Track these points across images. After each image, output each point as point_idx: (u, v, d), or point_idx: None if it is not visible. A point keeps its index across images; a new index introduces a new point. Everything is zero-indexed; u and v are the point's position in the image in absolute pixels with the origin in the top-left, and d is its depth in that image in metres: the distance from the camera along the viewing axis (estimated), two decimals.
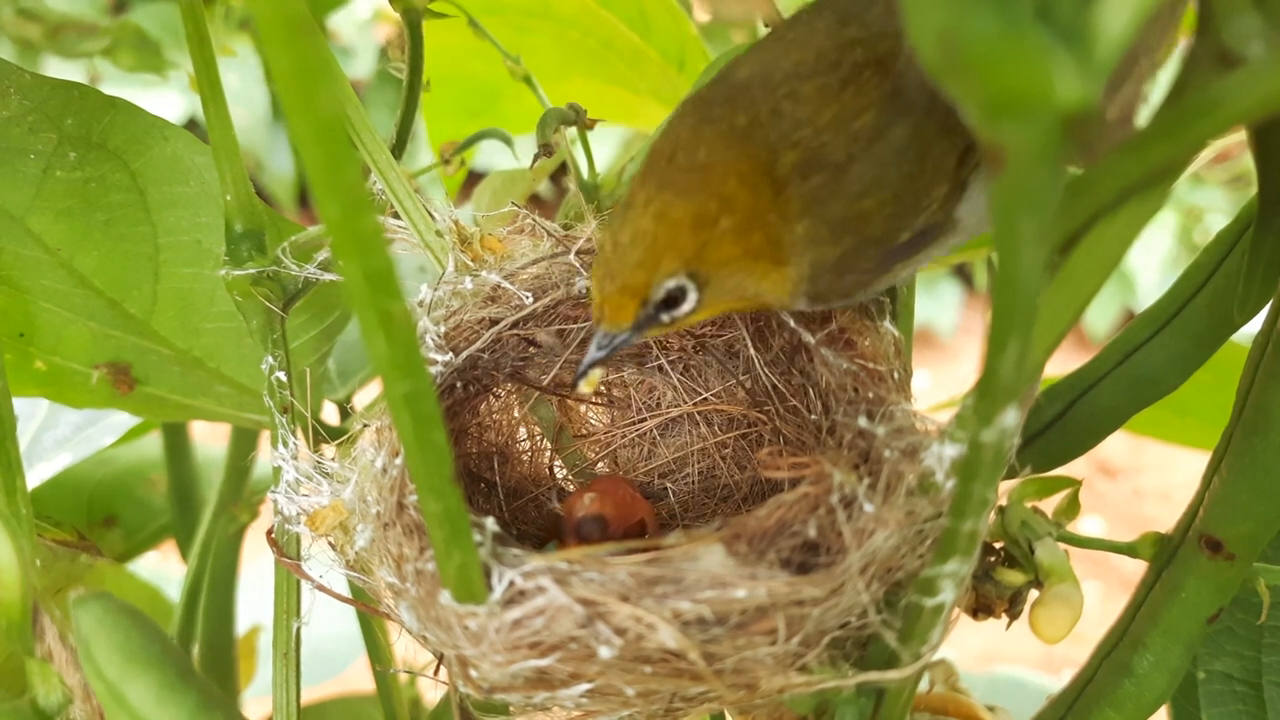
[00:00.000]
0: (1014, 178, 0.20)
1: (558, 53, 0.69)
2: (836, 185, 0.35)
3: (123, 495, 0.76)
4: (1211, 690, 0.47)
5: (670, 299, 0.35)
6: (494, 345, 0.44)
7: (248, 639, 0.83)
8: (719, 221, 0.34)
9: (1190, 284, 0.42)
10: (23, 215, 0.46)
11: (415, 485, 0.34)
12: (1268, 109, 0.21)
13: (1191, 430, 0.64)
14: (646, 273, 0.35)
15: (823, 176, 0.35)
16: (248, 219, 0.45)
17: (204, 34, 0.42)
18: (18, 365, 0.51)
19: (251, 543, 0.73)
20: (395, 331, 0.25)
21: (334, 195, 0.22)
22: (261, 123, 2.62)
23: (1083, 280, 0.27)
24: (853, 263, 0.36)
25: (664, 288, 0.35)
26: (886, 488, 0.33)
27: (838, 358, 0.40)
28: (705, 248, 0.35)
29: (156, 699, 0.33)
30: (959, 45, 0.18)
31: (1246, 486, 0.38)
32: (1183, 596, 0.39)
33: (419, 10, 0.51)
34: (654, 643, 0.30)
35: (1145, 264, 3.09)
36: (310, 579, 0.40)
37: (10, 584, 0.38)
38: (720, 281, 0.35)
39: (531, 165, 0.51)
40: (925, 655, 0.32)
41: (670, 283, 0.35)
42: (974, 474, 0.27)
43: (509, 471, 0.49)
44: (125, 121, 0.47)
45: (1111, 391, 0.43)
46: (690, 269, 0.35)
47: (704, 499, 0.49)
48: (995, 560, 0.40)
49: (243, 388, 0.55)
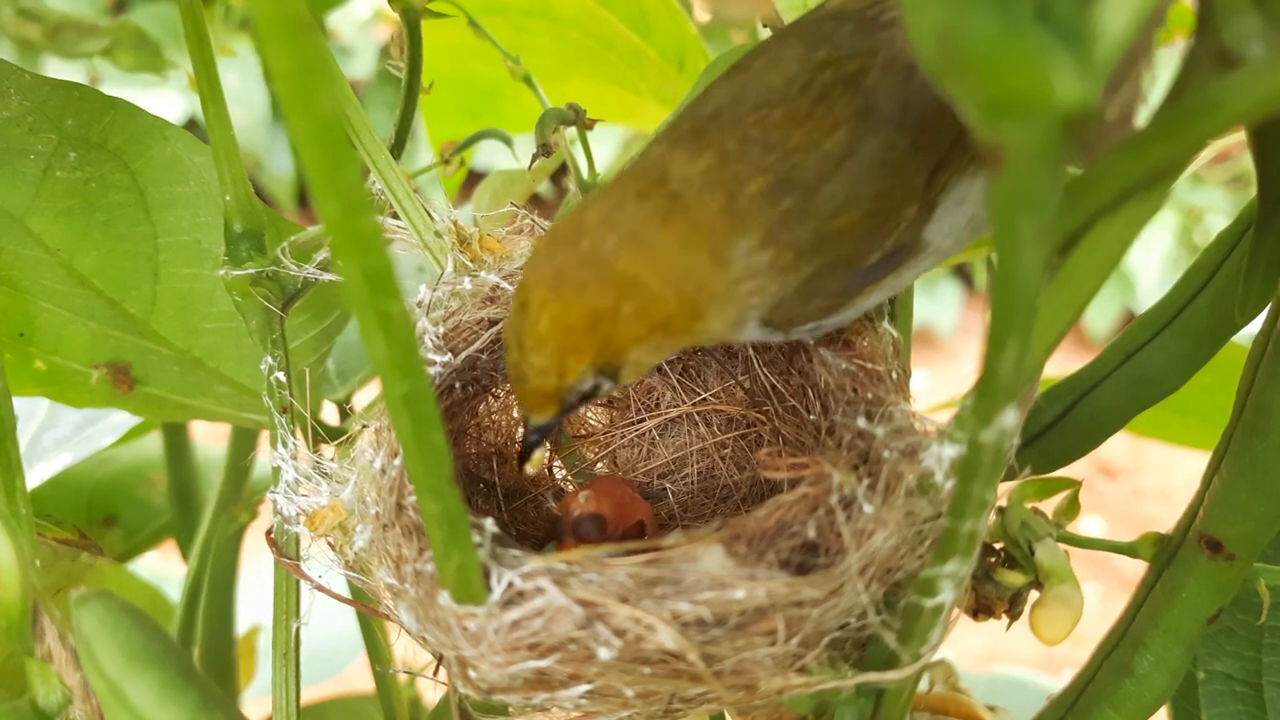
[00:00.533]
0: (1014, 178, 0.20)
1: (558, 53, 0.69)
2: (808, 205, 0.34)
3: (123, 495, 0.76)
4: (1211, 690, 0.47)
5: (584, 395, 0.36)
6: (493, 346, 0.44)
7: (247, 639, 0.83)
8: (619, 310, 0.34)
9: (1191, 285, 0.42)
10: (23, 215, 0.46)
11: (414, 486, 0.34)
12: (1267, 109, 0.21)
13: (1192, 431, 0.64)
14: (555, 379, 0.35)
15: (793, 199, 0.34)
16: (247, 219, 0.45)
17: (203, 34, 0.42)
18: (18, 365, 0.51)
19: (251, 543, 0.73)
20: (394, 332, 0.25)
21: (333, 195, 0.22)
22: (261, 123, 2.63)
23: (1082, 280, 0.27)
24: (820, 285, 0.36)
25: (575, 390, 0.35)
26: (886, 488, 0.33)
27: (836, 358, 0.40)
28: (607, 340, 0.34)
29: (158, 698, 0.33)
30: (959, 45, 0.18)
31: (1247, 487, 0.38)
32: (1183, 597, 0.39)
33: (418, 10, 0.51)
34: (653, 644, 0.30)
35: (1145, 264, 3.09)
36: (310, 579, 0.40)
37: (10, 583, 0.38)
38: (637, 358, 0.35)
39: (530, 165, 0.51)
40: (925, 656, 0.32)
41: (581, 384, 0.35)
42: (973, 474, 0.27)
43: (508, 472, 0.49)
44: (125, 122, 0.47)
45: (1112, 393, 0.43)
46: (597, 365, 0.35)
47: (703, 499, 0.49)
48: (995, 561, 0.40)
49: (242, 388, 0.55)
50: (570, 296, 0.34)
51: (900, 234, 0.35)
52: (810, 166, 0.34)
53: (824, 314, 0.37)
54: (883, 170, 0.34)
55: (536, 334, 0.35)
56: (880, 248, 0.35)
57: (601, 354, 0.35)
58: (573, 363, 0.35)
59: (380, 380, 0.26)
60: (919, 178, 0.35)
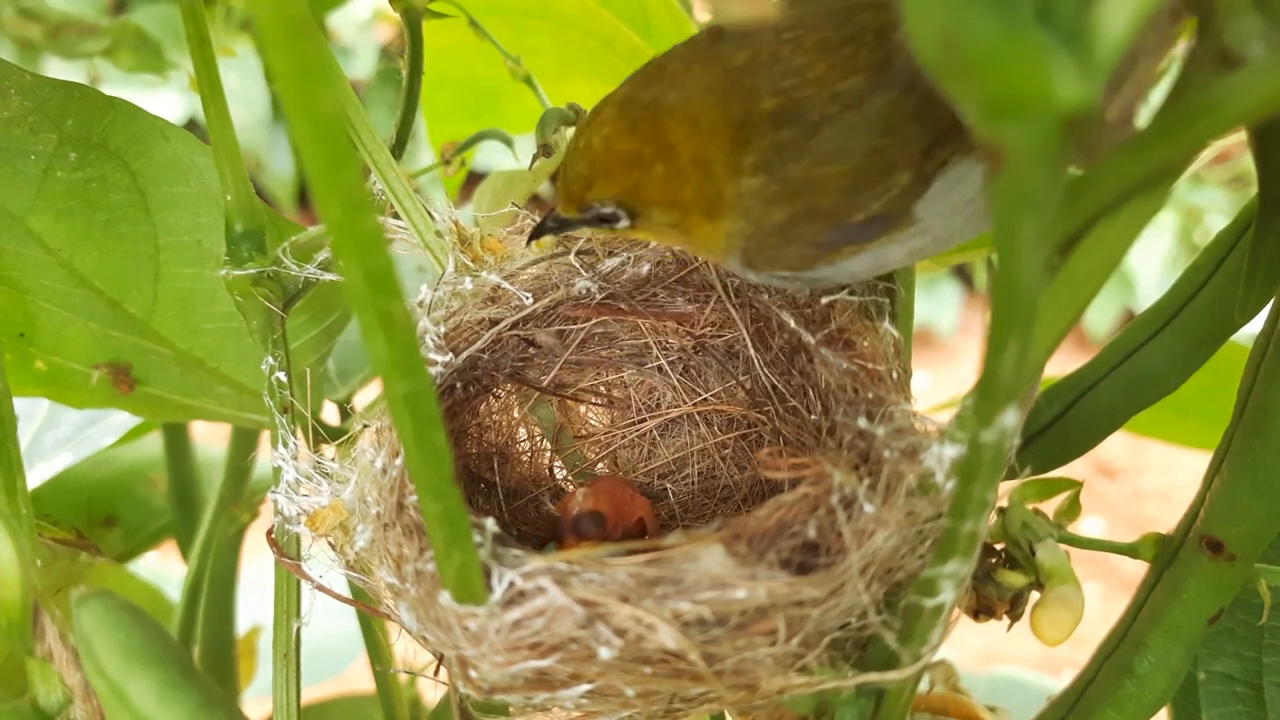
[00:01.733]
0: (1014, 178, 0.20)
1: (558, 53, 0.69)
2: (804, 142, 0.35)
3: (123, 495, 0.76)
4: (1212, 691, 0.47)
5: (605, 216, 0.38)
6: (494, 346, 0.44)
7: (248, 639, 0.83)
8: (653, 166, 0.37)
9: (1190, 284, 0.42)
10: (23, 215, 0.46)
11: (415, 486, 0.34)
12: (1268, 110, 0.21)
13: (1192, 431, 0.64)
14: (583, 188, 0.38)
15: (794, 131, 0.35)
16: (248, 219, 0.45)
17: (205, 34, 0.42)
18: (18, 365, 0.51)
19: (252, 543, 0.73)
20: (395, 332, 0.25)
21: (334, 195, 0.22)
22: (261, 123, 2.62)
23: (1083, 281, 0.27)
24: (800, 231, 0.36)
25: (596, 207, 0.38)
26: (886, 488, 0.33)
27: (837, 358, 0.40)
28: (637, 186, 0.37)
29: (159, 697, 0.33)
30: (959, 45, 0.18)
31: (1247, 487, 0.38)
32: (1184, 597, 0.39)
33: (419, 10, 0.51)
34: (654, 643, 0.30)
35: (1145, 264, 3.09)
36: (310, 579, 0.40)
37: (11, 583, 0.38)
38: (650, 216, 0.38)
39: (531, 166, 0.51)
40: (925, 656, 0.32)
41: (602, 205, 0.38)
42: (974, 474, 0.27)
43: (509, 472, 0.49)
44: (126, 122, 0.47)
45: (1111, 392, 0.43)
46: (619, 199, 0.38)
47: (704, 499, 0.49)
48: (996, 562, 0.40)
49: (243, 388, 0.55)
50: (623, 129, 0.37)
51: (889, 200, 0.35)
52: (818, 104, 0.35)
53: (801, 264, 0.38)
54: (881, 128, 0.34)
55: (587, 144, 0.38)
56: (865, 209, 0.35)
57: (626, 192, 0.37)
58: (601, 184, 0.38)
59: (381, 380, 0.26)
60: (915, 146, 0.34)
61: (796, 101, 0.35)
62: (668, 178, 0.37)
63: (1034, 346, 0.24)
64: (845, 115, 0.34)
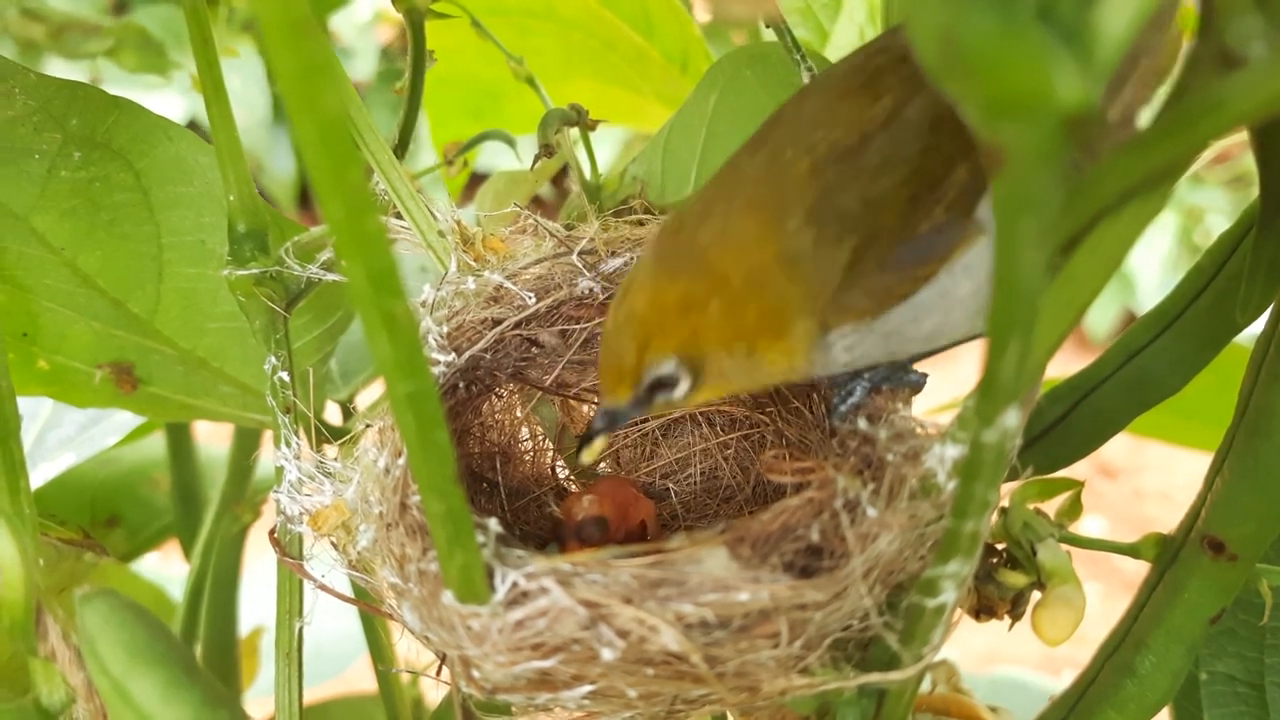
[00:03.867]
0: (1015, 178, 0.20)
1: (560, 53, 0.69)
2: (853, 165, 0.33)
3: (126, 495, 0.76)
4: (1214, 691, 0.47)
5: (662, 383, 0.35)
6: (496, 345, 0.44)
7: (250, 639, 0.83)
8: (708, 304, 0.34)
9: (1192, 286, 0.42)
10: (27, 214, 0.46)
11: (418, 485, 0.34)
12: (1269, 110, 0.21)
13: (1194, 432, 0.64)
14: (636, 355, 0.35)
15: (838, 165, 0.33)
16: (251, 219, 0.45)
17: (208, 35, 0.42)
18: (21, 365, 0.51)
19: (254, 543, 0.73)
20: (398, 332, 0.25)
21: (337, 195, 0.22)
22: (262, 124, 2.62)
23: (1084, 281, 0.27)
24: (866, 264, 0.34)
25: (654, 372, 0.35)
26: (889, 492, 0.33)
27: None
28: (695, 332, 0.34)
29: (162, 696, 0.33)
30: (959, 46, 0.18)
31: (1249, 488, 0.38)
32: (1185, 597, 0.39)
33: (422, 11, 0.51)
34: (656, 645, 0.30)
35: (1146, 265, 3.09)
36: (313, 579, 0.40)
37: (14, 583, 0.38)
38: (715, 364, 0.35)
39: (533, 166, 0.51)
40: (927, 656, 0.32)
41: (660, 368, 0.35)
42: (975, 474, 0.27)
43: (511, 472, 0.49)
44: (129, 121, 0.47)
45: (1113, 394, 0.43)
46: (680, 353, 0.35)
47: (706, 500, 0.49)
48: (997, 562, 0.40)
49: (246, 387, 0.55)
50: (665, 282, 0.34)
51: (950, 202, 0.33)
52: (855, 131, 0.33)
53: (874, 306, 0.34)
54: (928, 125, 0.33)
55: (630, 311, 0.35)
56: (930, 216, 0.33)
57: (687, 344, 0.34)
58: (657, 342, 0.34)
59: (384, 380, 0.26)
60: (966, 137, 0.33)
61: (832, 142, 0.34)
62: (726, 310, 0.34)
63: (1035, 347, 0.24)
64: (889, 127, 0.33)
